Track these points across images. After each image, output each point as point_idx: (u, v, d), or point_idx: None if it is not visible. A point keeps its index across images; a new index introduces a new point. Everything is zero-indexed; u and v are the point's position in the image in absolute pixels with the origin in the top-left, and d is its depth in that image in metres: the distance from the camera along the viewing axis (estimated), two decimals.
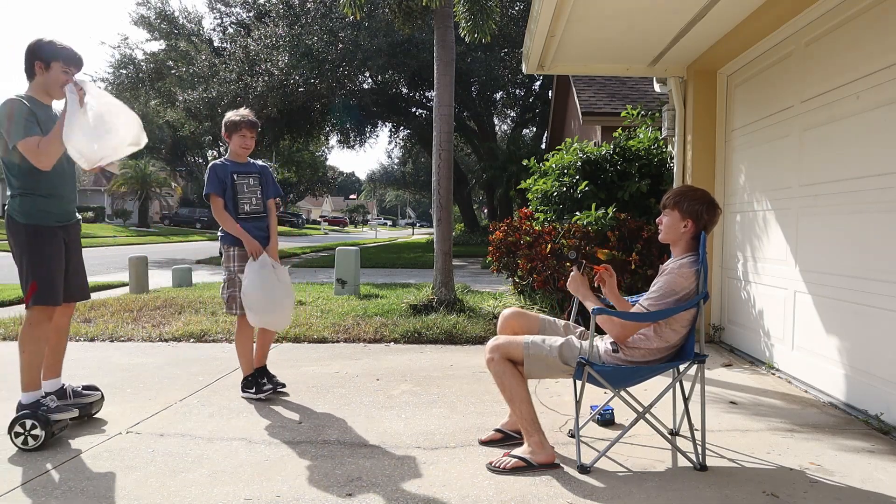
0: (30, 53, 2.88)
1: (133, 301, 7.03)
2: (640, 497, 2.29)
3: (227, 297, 3.55)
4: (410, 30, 8.39)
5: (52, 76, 2.87)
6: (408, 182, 45.69)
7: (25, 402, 2.83)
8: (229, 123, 3.59)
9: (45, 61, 2.86)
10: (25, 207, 2.84)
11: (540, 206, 6.62)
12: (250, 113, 3.66)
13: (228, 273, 3.54)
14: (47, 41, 2.88)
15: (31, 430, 2.72)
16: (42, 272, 2.84)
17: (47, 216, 2.88)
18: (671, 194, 2.65)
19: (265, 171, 3.72)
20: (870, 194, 3.24)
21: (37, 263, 2.84)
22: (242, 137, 3.58)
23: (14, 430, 2.73)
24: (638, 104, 7.24)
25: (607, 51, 5.03)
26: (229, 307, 3.56)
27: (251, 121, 3.62)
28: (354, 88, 18.58)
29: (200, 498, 2.28)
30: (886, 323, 3.10)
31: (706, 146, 5.18)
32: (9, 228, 2.87)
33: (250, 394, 3.55)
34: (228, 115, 3.63)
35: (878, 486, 2.39)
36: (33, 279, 2.82)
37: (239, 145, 3.59)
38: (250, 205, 3.58)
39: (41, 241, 2.86)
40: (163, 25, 20.62)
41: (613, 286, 2.84)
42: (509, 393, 2.58)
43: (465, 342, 5.20)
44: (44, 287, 2.84)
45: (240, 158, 3.64)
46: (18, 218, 2.84)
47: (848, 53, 3.45)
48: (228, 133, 3.60)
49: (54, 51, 2.87)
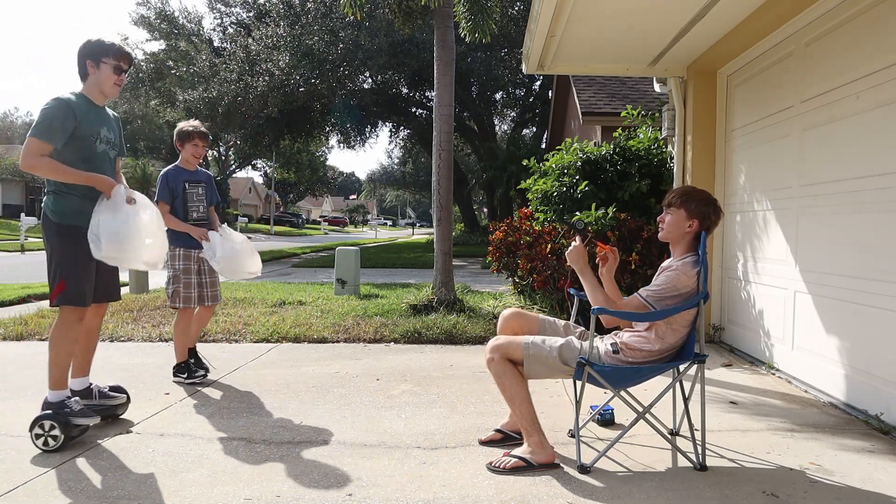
0: (80, 54, 2.89)
1: (133, 301, 7.03)
2: (640, 497, 2.29)
3: (171, 291, 3.88)
4: (410, 30, 8.40)
5: (103, 74, 2.89)
6: (408, 182, 45.69)
7: (51, 401, 2.82)
8: (182, 133, 3.93)
9: (96, 60, 2.87)
10: (60, 206, 2.83)
11: (540, 206, 6.62)
12: (201, 124, 4.01)
13: (173, 271, 3.87)
14: (95, 40, 2.90)
15: (51, 431, 2.71)
16: (71, 272, 2.83)
17: (81, 216, 2.86)
18: (677, 193, 2.65)
19: (210, 180, 4.10)
20: (870, 194, 3.24)
21: (66, 263, 2.83)
22: (195, 147, 3.93)
23: (34, 430, 2.72)
24: (638, 104, 7.23)
25: (607, 51, 5.03)
26: (173, 301, 3.89)
27: (203, 132, 3.98)
28: (354, 88, 18.59)
29: (200, 498, 2.28)
30: (886, 323, 3.10)
31: (706, 146, 5.18)
32: (42, 226, 2.90)
33: (181, 378, 3.87)
34: (181, 126, 3.98)
35: (878, 486, 2.39)
36: (61, 278, 2.81)
37: (191, 154, 3.94)
38: (198, 212, 3.95)
39: (73, 241, 2.84)
40: (163, 25, 20.65)
41: (612, 270, 2.78)
42: (509, 393, 2.58)
43: (465, 342, 5.20)
44: (72, 287, 2.83)
45: (190, 166, 3.98)
46: (52, 217, 2.83)
47: (848, 53, 3.45)
48: (181, 142, 3.92)
49: (103, 48, 2.88)
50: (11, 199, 38.63)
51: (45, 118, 2.73)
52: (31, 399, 3.47)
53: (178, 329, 3.93)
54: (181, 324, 3.91)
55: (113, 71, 2.91)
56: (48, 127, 2.73)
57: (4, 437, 2.88)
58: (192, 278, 3.90)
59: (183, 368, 3.91)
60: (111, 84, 2.92)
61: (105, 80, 2.90)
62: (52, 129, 2.73)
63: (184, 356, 3.93)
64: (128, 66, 2.98)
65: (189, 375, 3.86)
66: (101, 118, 2.94)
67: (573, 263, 2.69)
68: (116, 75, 2.92)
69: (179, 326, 3.92)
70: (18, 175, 38.06)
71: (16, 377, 3.98)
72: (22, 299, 7.46)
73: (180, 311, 3.91)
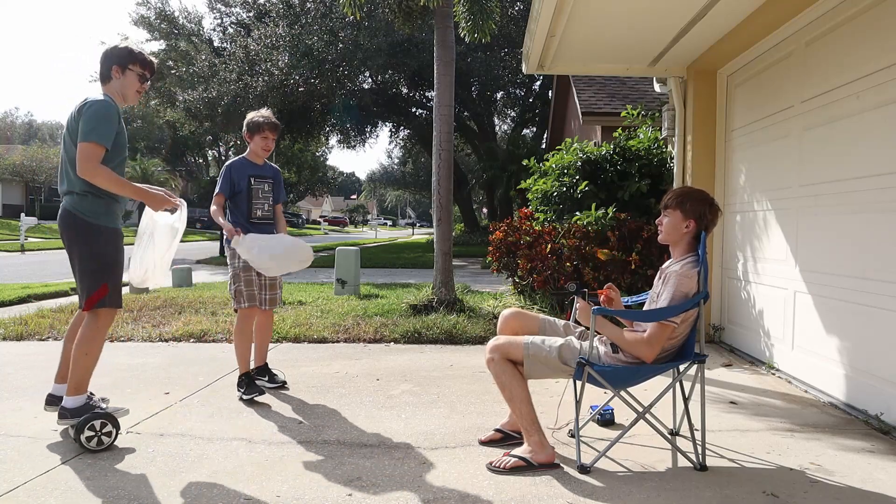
0: (106, 58, 2.88)
1: (133, 301, 7.03)
2: (640, 497, 2.29)
3: (234, 291, 3.60)
4: (410, 30, 8.39)
5: (128, 81, 2.90)
6: (408, 182, 45.67)
7: (72, 406, 2.75)
8: (252, 124, 3.65)
9: (122, 66, 2.88)
10: (95, 208, 2.79)
11: (540, 206, 6.62)
12: (272, 114, 3.72)
13: (233, 269, 3.60)
14: (123, 46, 2.91)
15: (103, 429, 2.71)
16: (114, 275, 2.82)
17: (115, 218, 2.87)
18: (672, 195, 2.65)
19: (278, 176, 3.79)
20: (870, 194, 3.24)
21: (109, 266, 2.81)
22: (265, 139, 3.64)
23: (85, 433, 2.67)
24: (638, 104, 7.23)
25: (607, 51, 5.03)
26: (236, 301, 3.61)
27: (274, 122, 3.68)
28: (354, 88, 18.59)
29: (200, 498, 2.28)
30: (886, 323, 3.10)
31: (706, 146, 5.18)
32: (73, 228, 2.80)
33: (240, 393, 3.54)
34: (251, 116, 3.69)
35: (878, 486, 2.39)
36: (105, 281, 2.78)
37: (261, 147, 3.65)
38: (262, 210, 3.67)
39: (113, 242, 2.84)
40: (163, 25, 20.63)
41: (619, 303, 2.82)
42: (509, 393, 2.58)
43: (465, 342, 5.20)
44: (114, 291, 2.82)
45: (258, 160, 3.70)
46: (89, 218, 2.78)
47: (848, 53, 3.45)
48: (250, 133, 3.65)
49: (132, 56, 2.89)
50: (11, 199, 38.63)
51: (100, 121, 2.69)
52: (30, 399, 3.47)
53: (238, 334, 3.60)
54: (243, 327, 3.60)
55: (138, 79, 2.92)
56: (105, 131, 2.69)
57: (4, 437, 2.88)
58: (254, 277, 3.59)
59: (243, 382, 3.55)
60: (134, 92, 2.93)
61: (129, 87, 2.91)
62: (108, 132, 2.71)
63: (246, 367, 3.60)
64: (151, 75, 2.99)
65: (247, 390, 3.48)
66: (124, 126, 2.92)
67: (584, 322, 2.64)
68: (140, 84, 2.94)
69: (241, 333, 3.60)
70: (18, 175, 38.08)
71: (16, 377, 3.98)
72: (22, 299, 7.47)
73: (242, 313, 3.59)
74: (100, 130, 2.68)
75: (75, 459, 2.62)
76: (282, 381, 3.77)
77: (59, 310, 6.41)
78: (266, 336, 3.84)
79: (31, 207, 36.71)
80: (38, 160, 38.82)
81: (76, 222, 2.79)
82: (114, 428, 2.73)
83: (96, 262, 2.80)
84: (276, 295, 3.79)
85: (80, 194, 2.79)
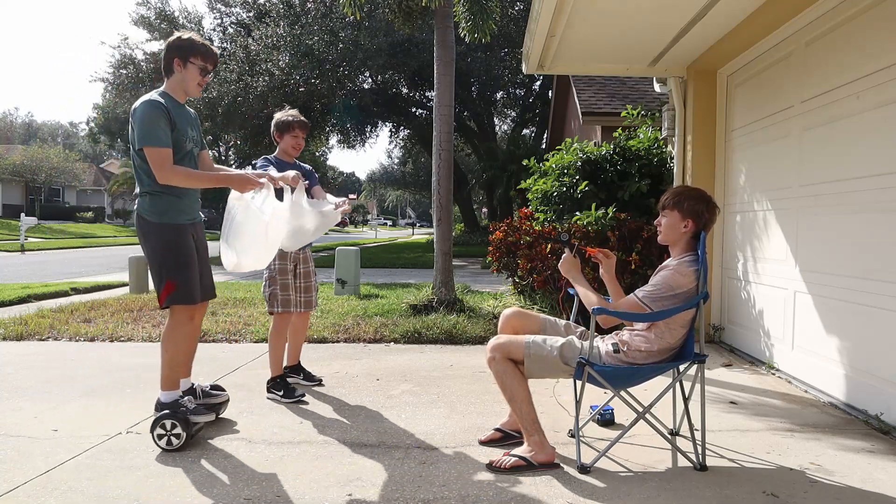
0: (168, 51, 2.87)
1: (133, 301, 7.03)
2: (640, 497, 2.29)
3: (269, 294, 3.58)
4: (410, 30, 8.39)
5: (189, 73, 2.87)
6: (408, 182, 45.67)
7: (165, 401, 2.82)
8: (281, 123, 3.66)
9: (184, 58, 2.86)
10: (158, 206, 2.80)
11: (540, 206, 6.62)
12: (299, 113, 3.74)
13: (269, 272, 3.58)
14: (186, 38, 2.88)
15: (173, 430, 2.72)
16: (177, 271, 2.81)
17: (180, 214, 2.85)
18: (669, 195, 2.66)
19: (312, 175, 3.76)
20: (870, 194, 3.24)
21: (172, 263, 2.81)
22: (295, 137, 3.67)
23: (156, 430, 2.72)
24: (638, 104, 7.23)
25: (607, 51, 5.03)
26: (270, 305, 3.59)
27: (303, 121, 3.71)
28: (354, 88, 18.58)
29: (200, 498, 2.28)
30: (886, 323, 3.10)
31: (706, 146, 5.18)
32: (140, 228, 2.84)
33: (276, 395, 3.53)
34: (279, 116, 3.70)
35: (878, 486, 2.39)
36: (168, 279, 2.79)
37: (291, 145, 3.67)
38: None
39: (176, 239, 2.84)
40: (163, 25, 20.59)
41: (611, 269, 2.83)
42: (510, 392, 2.58)
43: (465, 342, 5.20)
44: (181, 286, 2.81)
45: (289, 158, 3.70)
46: (151, 217, 2.79)
47: (848, 53, 3.45)
48: (280, 133, 3.67)
49: (194, 47, 2.86)
50: (11, 199, 38.65)
51: (147, 124, 2.68)
52: (30, 399, 3.48)
53: (274, 337, 3.59)
54: (279, 330, 3.60)
55: (199, 72, 2.89)
56: (156, 133, 2.69)
57: (4, 437, 2.88)
58: (290, 280, 3.59)
59: (279, 384, 3.55)
60: (195, 84, 2.91)
61: (190, 79, 2.89)
62: (160, 133, 2.69)
63: (279, 370, 3.60)
64: (213, 67, 2.96)
65: (286, 394, 3.49)
66: (186, 117, 2.91)
67: (566, 274, 2.74)
68: (201, 76, 2.91)
69: (276, 336, 3.60)
70: (18, 175, 38.09)
71: (15, 377, 3.98)
72: (22, 299, 7.47)
73: (277, 317, 3.58)
74: (152, 133, 2.67)
75: (75, 459, 2.62)
76: (318, 379, 3.82)
77: (59, 310, 6.41)
78: (301, 337, 3.86)
79: (31, 207, 36.73)
80: (38, 160, 38.84)
81: (140, 222, 2.84)
82: (184, 431, 2.73)
83: (158, 260, 2.81)
84: (312, 297, 3.77)
85: (142, 195, 2.82)
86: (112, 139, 47.66)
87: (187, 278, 2.83)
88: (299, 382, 3.78)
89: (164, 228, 2.81)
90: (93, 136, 51.15)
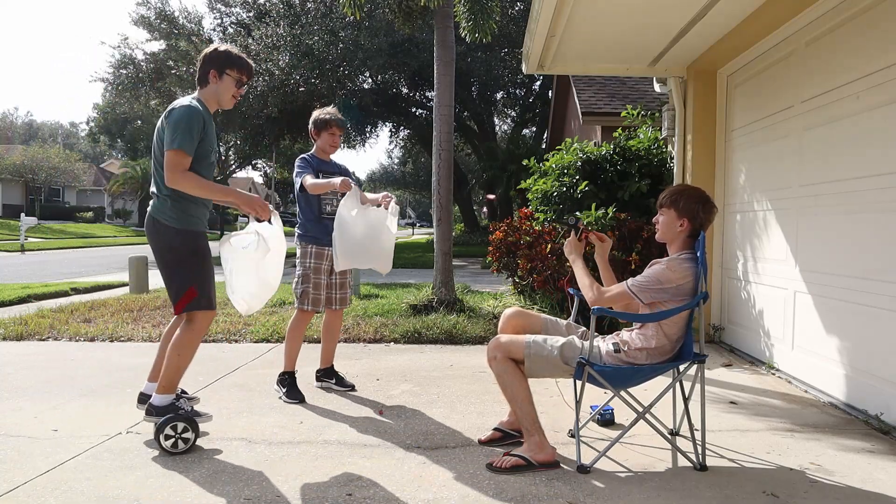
0: (205, 62, 2.86)
1: (133, 301, 7.03)
2: (640, 497, 2.29)
3: (301, 292, 3.60)
4: (410, 30, 8.40)
5: (224, 85, 2.87)
6: (408, 182, 45.68)
7: (160, 404, 2.76)
8: (319, 121, 3.67)
9: (220, 70, 2.85)
10: (178, 212, 2.77)
11: (540, 206, 6.61)
12: (338, 111, 3.75)
13: (303, 269, 3.61)
14: (223, 50, 2.87)
15: (183, 434, 2.69)
16: (199, 278, 2.80)
17: (198, 222, 2.85)
18: (667, 194, 2.66)
19: (346, 173, 3.78)
20: (870, 194, 3.24)
21: (193, 269, 2.79)
22: (332, 136, 3.68)
23: (164, 432, 2.67)
24: (638, 104, 7.23)
25: (607, 51, 5.03)
26: (301, 302, 3.60)
27: (340, 119, 3.72)
28: (354, 88, 18.59)
29: (200, 498, 2.28)
30: (886, 323, 3.10)
31: (706, 146, 5.18)
32: (157, 233, 2.79)
33: (280, 391, 3.56)
34: (317, 114, 3.72)
35: (878, 486, 2.39)
36: (191, 285, 2.77)
37: (328, 143, 3.69)
38: (332, 206, 3.63)
39: (198, 246, 2.83)
40: (163, 25, 20.60)
41: (605, 253, 2.89)
42: (510, 392, 2.58)
43: (465, 342, 5.20)
44: (203, 293, 2.79)
45: (325, 156, 3.73)
46: (172, 223, 2.76)
47: (848, 53, 3.45)
48: (318, 130, 3.68)
49: (231, 60, 2.86)
50: (11, 199, 38.66)
51: (185, 127, 2.66)
52: (30, 399, 3.48)
53: (293, 330, 3.63)
54: (299, 326, 3.63)
55: (235, 84, 2.89)
56: (188, 138, 2.66)
57: (4, 437, 2.88)
58: (322, 279, 3.62)
59: (285, 380, 3.55)
60: (229, 96, 2.90)
61: (225, 91, 2.88)
62: (190, 139, 2.67)
63: (292, 365, 3.62)
64: (248, 80, 2.95)
65: (289, 393, 3.49)
66: (213, 127, 2.89)
67: (567, 255, 2.83)
68: (236, 88, 2.91)
69: (295, 329, 3.63)
70: (18, 175, 38.09)
71: (15, 377, 3.98)
72: (22, 299, 7.47)
73: (300, 313, 3.61)
74: (183, 138, 2.65)
75: (75, 459, 2.62)
76: (350, 385, 3.77)
77: (59, 310, 6.41)
78: (335, 336, 3.85)
79: (31, 207, 36.74)
80: (38, 160, 38.84)
81: (157, 226, 2.79)
82: (193, 433, 2.72)
83: (179, 266, 2.79)
84: (347, 294, 3.80)
85: (161, 198, 2.78)
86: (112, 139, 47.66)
87: (208, 285, 2.83)
88: (332, 387, 3.76)
89: (188, 235, 2.80)
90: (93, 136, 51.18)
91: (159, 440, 2.67)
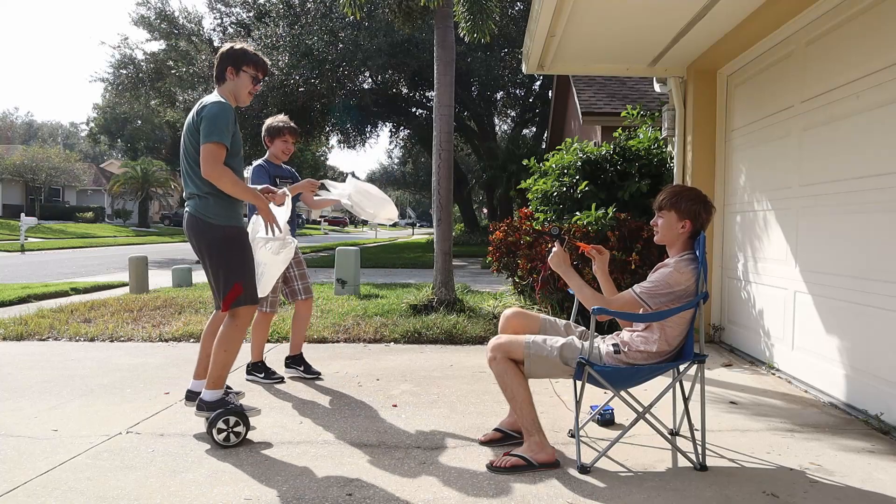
0: (222, 59, 2.91)
1: (133, 301, 7.03)
2: (640, 497, 2.29)
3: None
4: (410, 30, 8.39)
5: (241, 82, 2.92)
6: (408, 182, 45.68)
7: (210, 400, 2.82)
8: (273, 129, 3.85)
9: (237, 67, 2.90)
10: (221, 209, 2.82)
11: (540, 206, 6.61)
12: (290, 120, 3.92)
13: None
14: (239, 48, 2.92)
15: (235, 427, 2.75)
16: (244, 274, 2.86)
17: (238, 218, 2.90)
18: (666, 195, 2.66)
19: (294, 177, 3.99)
20: (870, 194, 3.24)
21: (239, 265, 2.85)
22: (285, 142, 3.86)
23: (217, 426, 2.72)
24: (638, 104, 7.23)
25: (607, 51, 5.03)
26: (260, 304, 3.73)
27: (293, 127, 3.91)
28: (354, 88, 18.58)
29: (200, 498, 2.28)
30: (886, 323, 3.10)
31: (706, 146, 5.18)
32: (201, 231, 2.83)
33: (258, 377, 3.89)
34: (270, 122, 3.89)
35: (878, 486, 2.39)
36: (236, 281, 2.81)
37: (281, 150, 3.87)
38: None
39: (240, 242, 2.88)
40: (163, 25, 20.59)
41: (605, 266, 2.83)
42: (510, 392, 2.58)
43: (465, 342, 5.20)
44: (247, 288, 2.85)
45: (278, 162, 3.92)
46: (215, 220, 2.81)
47: (848, 53, 3.45)
48: (271, 137, 3.86)
49: (247, 57, 2.91)
50: (11, 199, 38.66)
51: (219, 122, 2.71)
52: (30, 399, 3.48)
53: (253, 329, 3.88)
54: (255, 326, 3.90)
55: (251, 80, 2.94)
56: (224, 132, 2.72)
57: (4, 437, 2.88)
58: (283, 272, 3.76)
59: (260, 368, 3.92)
60: (246, 92, 2.95)
61: (242, 88, 2.93)
62: (226, 133, 2.73)
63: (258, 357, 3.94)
64: (263, 76, 3.00)
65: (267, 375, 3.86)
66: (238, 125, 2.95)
67: (556, 268, 2.73)
68: (253, 85, 2.95)
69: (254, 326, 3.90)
70: (18, 175, 38.09)
71: (15, 377, 3.98)
72: (22, 299, 7.47)
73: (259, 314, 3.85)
74: (221, 131, 2.71)
75: (75, 459, 2.62)
76: (317, 373, 3.99)
77: (59, 310, 6.41)
78: (305, 325, 4.04)
79: (31, 207, 36.74)
80: (38, 160, 38.83)
81: (201, 225, 2.83)
82: (244, 426, 2.77)
83: (225, 263, 2.83)
84: (309, 283, 3.97)
85: (203, 197, 2.82)
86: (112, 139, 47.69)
87: (252, 281, 2.89)
88: (302, 375, 3.95)
89: (231, 231, 2.85)
90: (93, 136, 51.20)
91: (212, 434, 2.72)
